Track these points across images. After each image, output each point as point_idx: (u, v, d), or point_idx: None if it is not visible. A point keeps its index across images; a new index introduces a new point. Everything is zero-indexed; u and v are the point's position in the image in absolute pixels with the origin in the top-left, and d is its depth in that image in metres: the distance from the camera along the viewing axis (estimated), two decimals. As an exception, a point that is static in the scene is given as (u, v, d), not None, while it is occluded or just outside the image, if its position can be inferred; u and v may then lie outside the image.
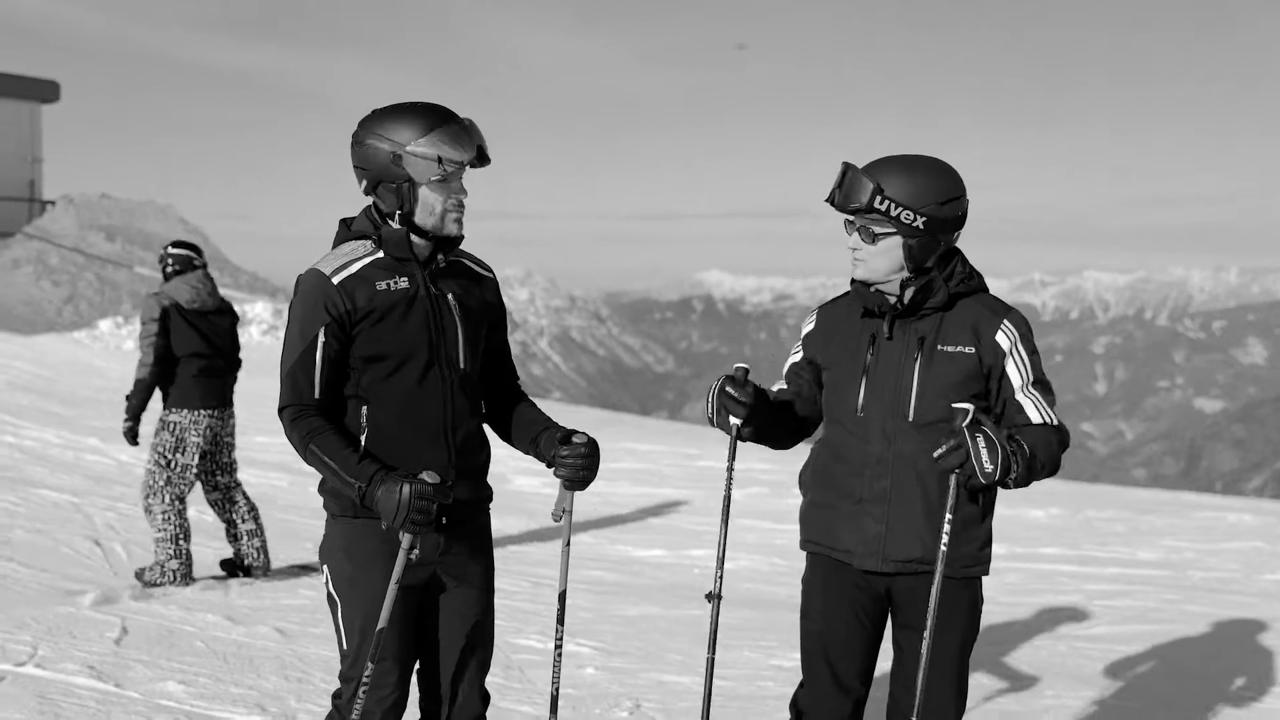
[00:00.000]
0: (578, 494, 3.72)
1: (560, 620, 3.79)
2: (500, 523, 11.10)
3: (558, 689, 3.84)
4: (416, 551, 3.44)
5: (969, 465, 3.37)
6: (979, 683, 6.59)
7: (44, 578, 7.71)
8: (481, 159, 3.52)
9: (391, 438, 3.51)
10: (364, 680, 3.46)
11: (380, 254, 3.54)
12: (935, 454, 3.40)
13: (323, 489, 3.63)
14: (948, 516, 3.50)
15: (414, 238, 3.54)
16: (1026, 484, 3.50)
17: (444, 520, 3.48)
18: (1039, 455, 3.49)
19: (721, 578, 3.85)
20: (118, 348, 21.19)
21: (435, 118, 3.46)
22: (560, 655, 3.81)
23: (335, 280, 3.47)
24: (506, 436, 3.82)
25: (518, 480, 13.29)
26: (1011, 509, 13.43)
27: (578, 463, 3.58)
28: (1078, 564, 10.55)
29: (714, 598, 3.81)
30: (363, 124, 3.51)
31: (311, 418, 3.47)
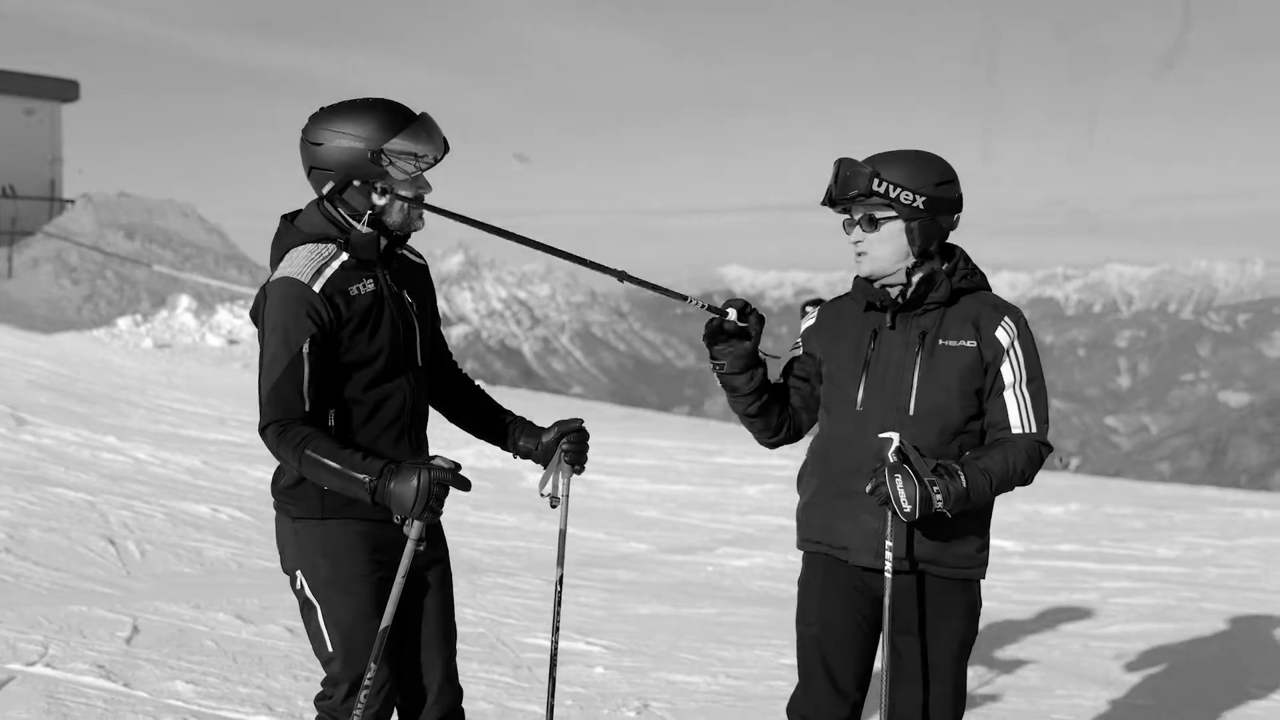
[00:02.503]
0: (595, 493, 3.80)
1: (558, 603, 3.88)
2: (514, 519, 11.11)
3: (555, 683, 3.91)
4: (424, 543, 3.39)
5: (888, 506, 3.41)
6: (990, 680, 6.56)
7: (57, 577, 7.72)
8: (446, 151, 3.52)
9: (359, 441, 3.48)
10: (366, 683, 3.44)
11: (345, 256, 3.48)
12: (865, 488, 3.45)
13: (281, 492, 3.56)
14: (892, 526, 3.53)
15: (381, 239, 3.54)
16: (974, 505, 3.49)
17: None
18: (984, 482, 3.45)
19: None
20: (136, 346, 21.25)
21: (402, 115, 3.46)
22: (557, 643, 3.88)
23: (316, 288, 3.39)
24: (462, 423, 3.88)
25: (531, 477, 13.27)
26: (1030, 505, 13.39)
27: (583, 447, 3.77)
28: (1095, 561, 10.49)
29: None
30: (319, 123, 3.45)
31: (300, 426, 3.37)
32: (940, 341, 3.56)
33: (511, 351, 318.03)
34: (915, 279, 3.57)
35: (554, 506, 3.76)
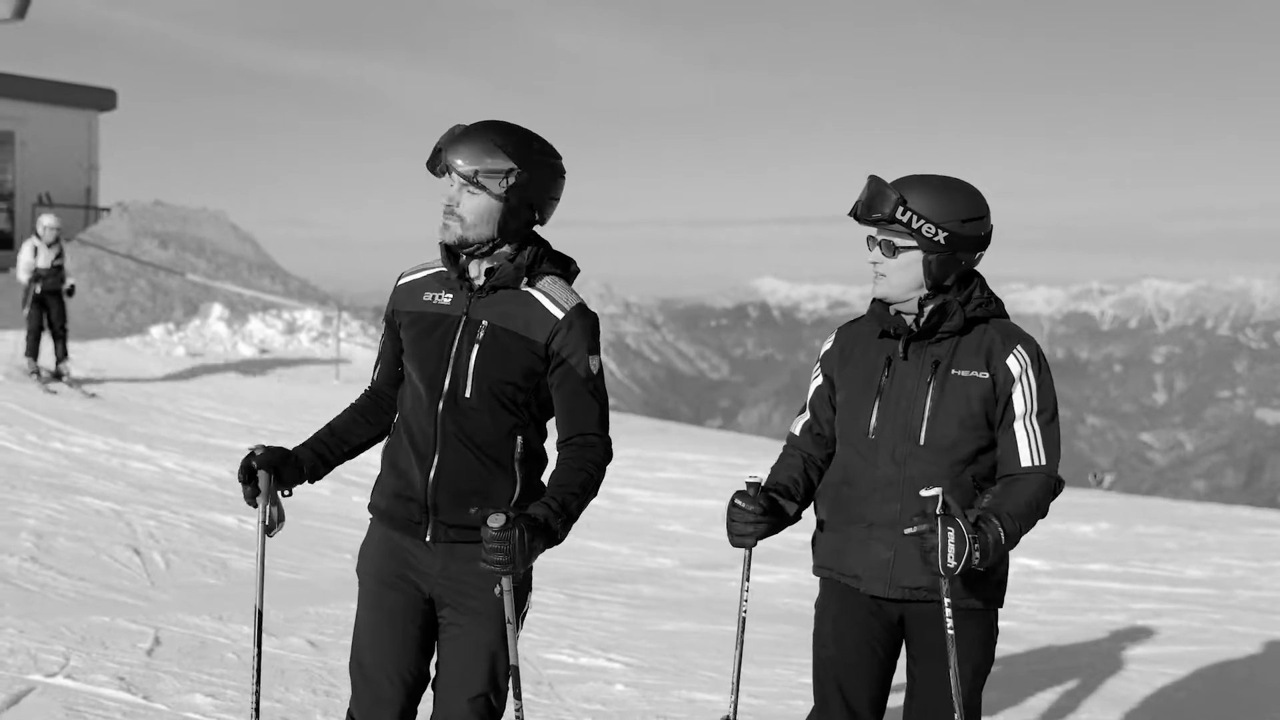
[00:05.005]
0: (622, 507, 3.70)
1: (517, 695, 3.46)
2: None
3: None
4: (273, 530, 3.66)
5: (930, 556, 3.34)
6: (1013, 701, 6.49)
7: (82, 586, 7.74)
8: (431, 161, 3.50)
9: (394, 444, 3.65)
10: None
11: (443, 267, 3.59)
12: (906, 531, 3.39)
13: None
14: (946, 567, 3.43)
15: (463, 255, 3.55)
16: (1003, 553, 3.45)
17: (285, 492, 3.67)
18: (1016, 530, 3.43)
19: (737, 704, 3.75)
20: (169, 354, 21.31)
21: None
22: None
23: (399, 283, 3.69)
24: None
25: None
26: (1061, 524, 13.28)
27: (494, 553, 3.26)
28: (1124, 581, 10.39)
29: None
30: None
31: (362, 396, 3.82)
32: (952, 371, 3.53)
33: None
34: (927, 309, 3.55)
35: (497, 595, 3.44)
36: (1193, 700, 6.79)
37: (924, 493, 3.38)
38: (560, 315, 3.48)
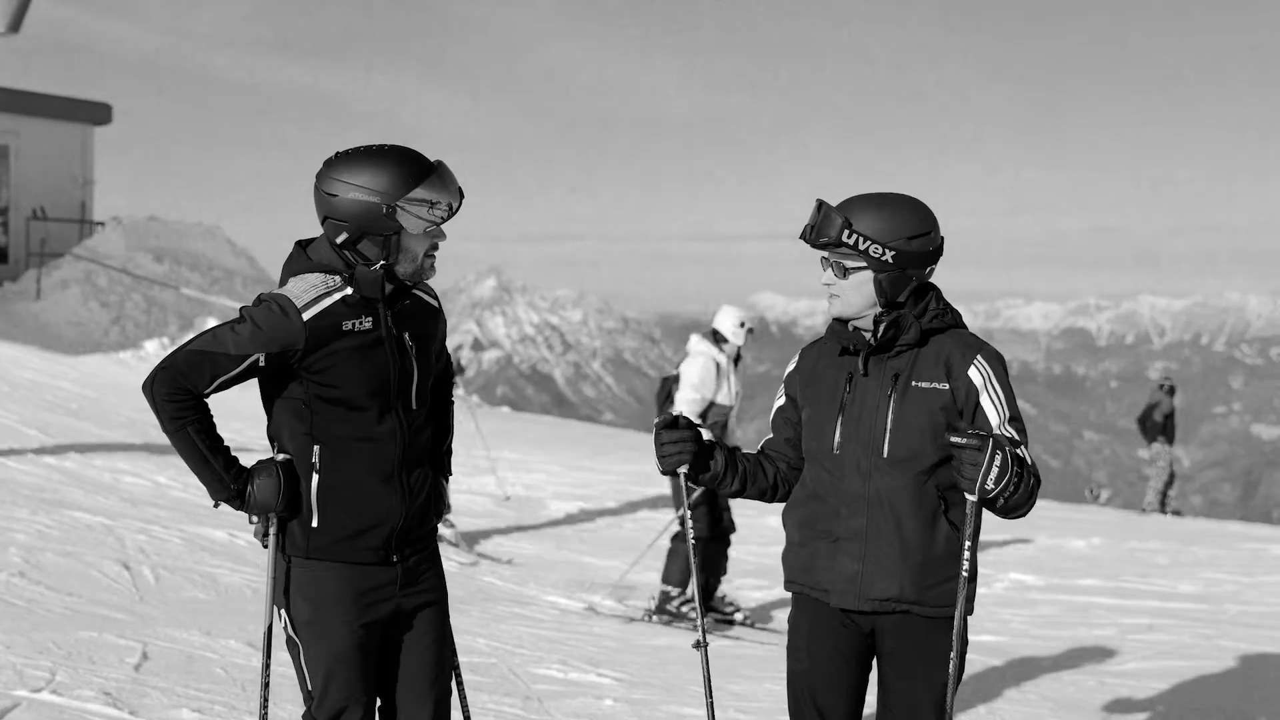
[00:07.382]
0: (618, 522, 3.77)
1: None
2: (533, 548, 11.09)
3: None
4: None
5: (969, 470, 3.33)
6: (1002, 717, 6.48)
7: (70, 601, 7.72)
8: (461, 200, 3.47)
9: (345, 481, 3.48)
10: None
11: (349, 290, 3.45)
12: (950, 438, 3.35)
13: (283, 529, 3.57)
14: (966, 543, 3.49)
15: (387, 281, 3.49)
16: (1006, 510, 3.45)
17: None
18: (1029, 489, 3.43)
19: (704, 628, 3.89)
20: (163, 369, 21.39)
21: (419, 166, 3.41)
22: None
23: (306, 316, 3.39)
24: None
25: (552, 505, 13.26)
26: (1053, 539, 13.28)
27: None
28: (1115, 596, 10.40)
29: (701, 646, 3.79)
30: (333, 172, 3.42)
31: (196, 402, 3.44)
32: (913, 383, 3.56)
33: (543, 377, 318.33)
34: (881, 325, 3.58)
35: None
36: (1180, 714, 6.78)
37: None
38: (439, 306, 3.77)
